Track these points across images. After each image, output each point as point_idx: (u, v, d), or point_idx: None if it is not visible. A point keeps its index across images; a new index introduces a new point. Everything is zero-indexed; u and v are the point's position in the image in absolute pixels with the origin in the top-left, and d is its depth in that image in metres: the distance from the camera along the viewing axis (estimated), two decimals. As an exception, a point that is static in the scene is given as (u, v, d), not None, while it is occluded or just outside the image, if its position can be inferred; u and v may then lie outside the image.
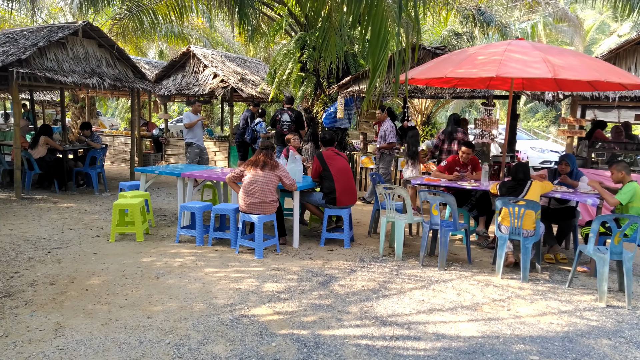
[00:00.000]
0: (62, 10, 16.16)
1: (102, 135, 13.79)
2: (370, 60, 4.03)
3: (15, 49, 8.41)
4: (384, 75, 4.13)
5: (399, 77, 4.12)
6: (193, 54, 12.58)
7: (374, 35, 3.90)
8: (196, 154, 9.35)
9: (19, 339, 3.38)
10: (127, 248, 5.74)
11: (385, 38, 3.86)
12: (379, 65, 3.95)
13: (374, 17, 3.80)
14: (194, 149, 9.32)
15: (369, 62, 4.11)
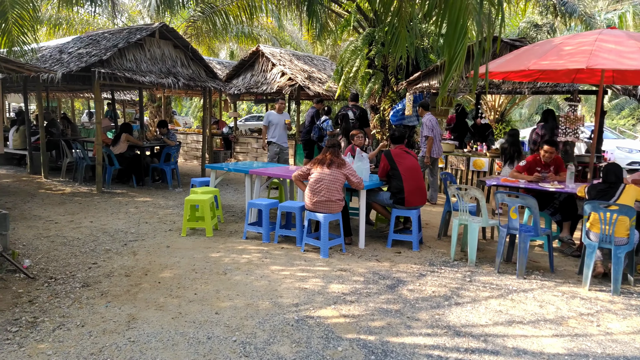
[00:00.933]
0: (140, 13, 17.06)
1: (177, 133, 14.38)
2: (447, 52, 3.78)
3: (97, 50, 8.92)
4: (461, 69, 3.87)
5: (477, 70, 3.84)
6: (262, 52, 12.77)
7: (450, 26, 3.65)
8: (275, 153, 9.36)
9: (94, 329, 3.51)
10: (197, 243, 5.87)
11: (464, 28, 3.60)
12: (455, 57, 3.70)
13: (451, 6, 3.55)
14: (274, 148, 9.32)
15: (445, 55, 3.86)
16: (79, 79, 9.22)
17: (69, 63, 8.69)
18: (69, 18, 14.58)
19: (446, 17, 3.70)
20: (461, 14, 3.55)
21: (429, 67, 9.33)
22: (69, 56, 9.07)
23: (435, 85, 9.18)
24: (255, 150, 13.29)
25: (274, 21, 18.37)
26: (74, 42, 10.14)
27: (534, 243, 6.18)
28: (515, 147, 7.44)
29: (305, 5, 8.67)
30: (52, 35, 15.30)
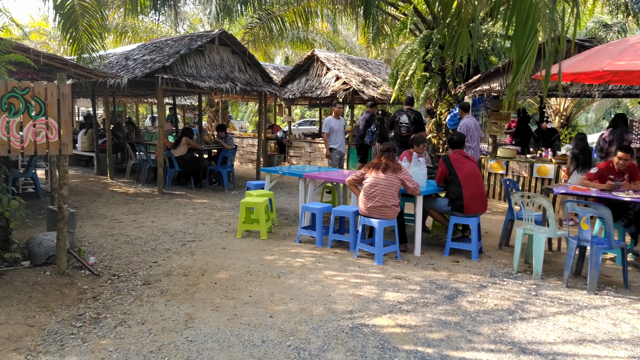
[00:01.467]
0: (201, 21, 17.64)
1: (233, 137, 14.72)
2: (515, 53, 3.57)
3: (161, 56, 9.28)
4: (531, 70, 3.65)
5: (549, 72, 3.60)
6: (317, 57, 12.82)
7: (519, 25, 3.44)
8: (337, 160, 9.24)
9: (154, 327, 3.59)
10: (252, 245, 5.92)
11: (534, 27, 3.38)
12: (524, 58, 3.48)
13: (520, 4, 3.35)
14: (335, 155, 9.21)
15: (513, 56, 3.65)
16: (143, 85, 9.63)
17: (134, 69, 9.09)
18: (134, 26, 15.32)
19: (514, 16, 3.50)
20: (531, 12, 3.35)
21: (490, 70, 8.99)
22: (134, 62, 9.49)
23: (497, 88, 8.83)
24: (309, 154, 13.35)
25: (329, 26, 18.44)
26: (139, 49, 10.61)
27: (606, 256, 5.76)
28: (586, 152, 7.00)
29: (361, 9, 8.60)
30: (119, 42, 16.12)
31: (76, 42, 8.60)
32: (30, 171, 8.13)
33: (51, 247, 4.75)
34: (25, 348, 3.22)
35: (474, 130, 7.91)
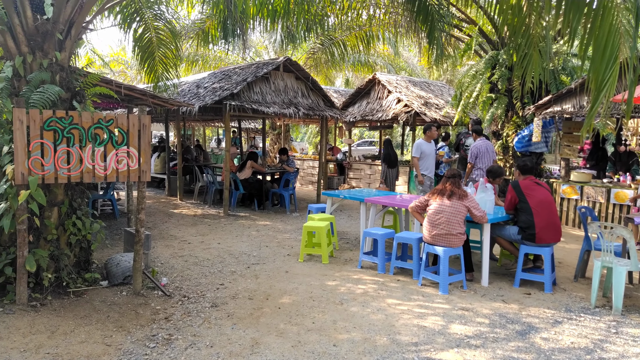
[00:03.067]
0: (266, 48, 18.34)
1: (294, 160, 15.02)
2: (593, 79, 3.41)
3: (229, 84, 9.71)
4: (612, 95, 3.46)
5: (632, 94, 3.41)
6: (378, 80, 12.88)
7: (598, 50, 3.29)
8: (427, 187, 8.68)
9: (221, 350, 3.69)
10: (314, 269, 5.96)
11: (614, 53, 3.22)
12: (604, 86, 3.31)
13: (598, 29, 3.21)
14: (426, 181, 8.69)
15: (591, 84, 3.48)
16: (211, 110, 10.10)
17: (205, 97, 9.58)
18: (204, 55, 16.19)
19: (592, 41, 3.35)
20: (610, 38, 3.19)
21: (562, 90, 8.61)
22: (205, 90, 10.00)
23: (569, 110, 8.43)
24: (369, 176, 13.32)
25: (390, 48, 18.51)
26: (209, 77, 11.18)
27: (698, 293, 5.26)
28: None
29: (425, 32, 8.58)
30: (189, 70, 17.07)
31: (152, 72, 9.21)
32: (109, 193, 8.71)
33: (128, 268, 5.04)
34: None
35: (484, 153, 8.06)
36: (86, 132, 4.34)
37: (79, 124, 4.29)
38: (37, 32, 4.50)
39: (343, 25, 11.17)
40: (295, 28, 8.91)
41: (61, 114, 4.23)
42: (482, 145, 8.11)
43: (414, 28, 9.43)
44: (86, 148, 4.36)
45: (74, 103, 4.68)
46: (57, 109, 4.43)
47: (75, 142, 4.30)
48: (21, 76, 4.51)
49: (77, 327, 3.98)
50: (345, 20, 11.01)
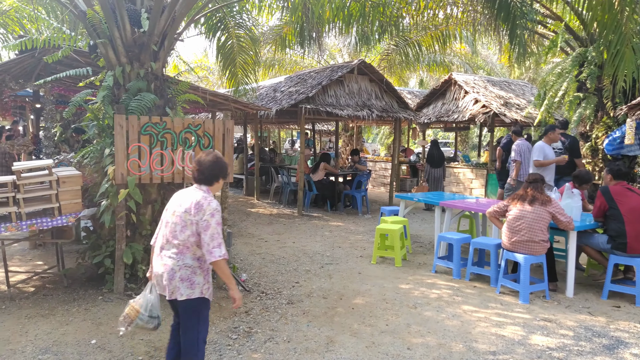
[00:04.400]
0: (340, 51, 18.52)
1: (366, 161, 15.04)
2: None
3: (305, 88, 9.96)
4: None
5: None
6: (454, 81, 12.57)
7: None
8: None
9: (298, 346, 3.83)
10: (387, 272, 5.97)
11: None
12: None
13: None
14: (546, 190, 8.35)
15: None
16: (287, 113, 10.39)
17: (281, 100, 9.90)
18: (281, 59, 16.67)
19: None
20: None
21: (659, 89, 7.92)
22: (282, 94, 10.33)
23: (668, 110, 7.72)
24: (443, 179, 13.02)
25: (467, 47, 17.95)
26: (285, 81, 11.53)
27: None
28: None
29: (506, 30, 8.27)
30: (266, 75, 17.65)
31: (233, 77, 9.69)
32: (193, 192, 9.26)
33: (211, 262, 5.36)
34: (191, 353, 3.67)
35: (525, 153, 8.02)
36: (177, 136, 4.69)
37: (171, 129, 4.65)
38: (134, 44, 4.93)
39: (418, 25, 11.03)
40: (370, 30, 8.95)
41: (156, 119, 4.60)
42: (523, 145, 8.14)
43: (494, 26, 9.11)
44: (177, 151, 4.71)
45: (167, 109, 5.07)
46: (152, 115, 4.82)
47: (168, 146, 4.66)
48: (121, 85, 4.96)
49: (168, 316, 4.30)
50: (421, 20, 10.86)
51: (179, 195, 2.99)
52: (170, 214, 2.94)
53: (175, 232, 2.86)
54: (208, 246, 2.79)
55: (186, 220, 2.84)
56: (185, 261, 2.85)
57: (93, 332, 3.94)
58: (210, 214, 2.81)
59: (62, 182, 4.61)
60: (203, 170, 2.94)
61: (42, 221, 4.52)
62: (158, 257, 2.95)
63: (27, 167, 4.69)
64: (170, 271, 2.85)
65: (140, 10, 4.89)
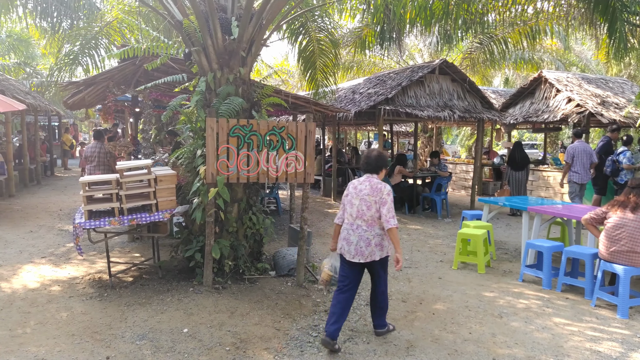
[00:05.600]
0: (420, 51, 18.18)
1: (445, 163, 14.61)
2: None
3: (383, 89, 9.90)
4: None
5: None
6: (545, 79, 11.85)
7: None
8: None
9: (378, 348, 3.82)
10: (469, 278, 5.78)
11: None
12: None
13: None
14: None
15: None
16: (365, 115, 10.39)
17: (360, 102, 9.92)
18: (359, 61, 16.69)
19: None
20: None
21: None
22: (360, 96, 10.35)
23: None
24: (530, 182, 12.33)
25: (559, 42, 16.84)
26: (364, 82, 11.54)
27: None
28: None
29: (604, 24, 7.66)
30: (345, 77, 17.76)
31: (313, 80, 9.86)
32: (274, 192, 9.56)
33: (292, 261, 5.51)
34: (273, 349, 3.80)
35: (580, 153, 8.48)
36: (262, 138, 4.87)
37: (257, 131, 4.84)
38: (225, 51, 5.20)
39: (505, 21, 10.51)
40: (452, 29, 8.69)
41: (243, 122, 4.82)
42: (579, 147, 8.53)
43: (590, 20, 8.48)
44: (262, 152, 4.90)
45: (253, 112, 5.29)
46: (240, 118, 5.05)
47: (254, 147, 4.86)
48: (212, 89, 5.25)
49: (251, 310, 4.49)
50: (508, 16, 10.35)
51: (356, 184, 3.92)
52: (353, 198, 3.85)
53: (363, 211, 3.78)
54: (386, 217, 3.71)
55: (370, 202, 3.76)
56: (375, 231, 3.78)
57: (185, 321, 4.21)
58: (386, 193, 3.77)
59: (159, 181, 4.97)
60: (371, 162, 3.92)
61: (141, 216, 4.90)
62: (351, 231, 3.83)
63: (128, 166, 5.11)
64: (366, 240, 3.77)
65: (230, 18, 5.14)
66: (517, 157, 10.18)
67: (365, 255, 3.77)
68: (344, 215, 3.95)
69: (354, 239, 3.80)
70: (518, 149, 10.28)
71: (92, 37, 8.12)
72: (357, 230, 3.80)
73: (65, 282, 5.23)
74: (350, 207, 3.87)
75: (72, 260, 6.12)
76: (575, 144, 8.69)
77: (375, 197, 3.76)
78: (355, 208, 3.82)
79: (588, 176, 8.65)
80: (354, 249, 3.79)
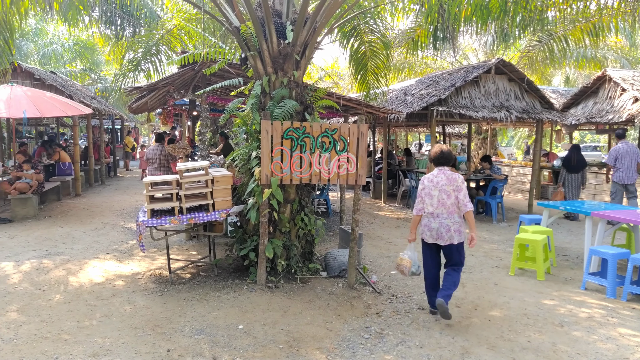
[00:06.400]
0: (474, 50, 17.70)
1: (501, 165, 14.14)
2: None
3: (436, 90, 9.73)
4: None
5: None
6: (609, 77, 11.22)
7: None
8: None
9: (431, 353, 3.77)
10: (527, 285, 5.57)
11: None
12: None
13: None
14: None
15: None
16: (417, 116, 10.26)
17: (412, 103, 9.80)
18: (411, 62, 16.49)
19: None
20: None
21: None
22: (412, 97, 10.23)
23: None
24: (594, 186, 11.71)
25: (624, 39, 15.91)
26: (416, 83, 11.40)
27: None
28: None
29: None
30: (395, 78, 17.59)
31: (364, 82, 9.86)
32: (324, 194, 9.63)
33: (343, 262, 5.53)
34: (325, 349, 3.83)
35: (623, 155, 8.56)
36: (315, 140, 4.93)
37: (310, 133, 4.91)
38: (279, 55, 5.30)
39: (566, 18, 10.06)
40: (509, 27, 8.42)
41: (297, 124, 4.90)
42: (622, 148, 8.61)
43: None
44: (314, 154, 4.96)
45: (306, 115, 5.36)
46: (293, 120, 5.14)
47: (307, 149, 4.93)
48: (266, 93, 5.37)
49: (303, 310, 4.55)
50: (569, 13, 9.90)
51: (431, 178, 4.44)
52: (431, 190, 4.37)
53: (443, 200, 4.32)
54: (462, 201, 4.28)
55: (448, 190, 4.31)
56: (454, 219, 4.32)
57: (240, 318, 4.33)
58: (461, 181, 4.33)
59: (215, 182, 5.14)
60: (445, 156, 4.48)
61: (199, 216, 5.09)
62: (432, 219, 4.38)
63: (187, 167, 5.32)
64: (446, 227, 4.32)
65: (285, 22, 5.25)
66: (573, 159, 9.81)
67: (445, 239, 4.34)
68: (423, 206, 4.42)
69: (435, 225, 4.36)
70: (575, 152, 9.90)
71: (154, 44, 8.51)
72: (437, 218, 4.35)
73: (128, 277, 5.51)
74: (429, 198, 4.38)
75: (135, 256, 6.44)
76: (619, 146, 8.69)
77: (452, 185, 4.31)
78: (435, 199, 4.34)
79: (634, 177, 8.59)
80: (435, 234, 4.37)
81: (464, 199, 4.27)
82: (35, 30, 22.51)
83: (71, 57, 22.55)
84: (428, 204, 4.39)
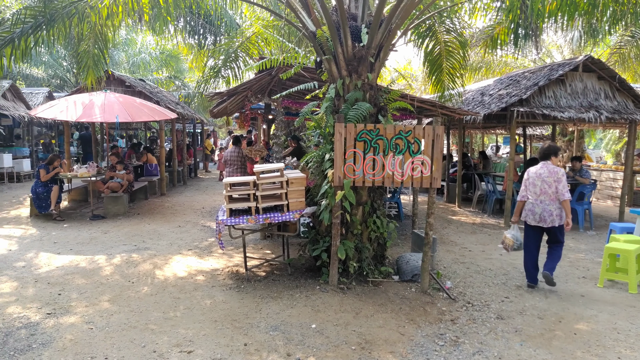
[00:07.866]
0: (559, 47, 16.68)
1: (589, 170, 13.19)
2: None
3: (517, 89, 9.28)
4: None
5: None
6: None
7: None
8: None
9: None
10: (618, 298, 5.17)
11: None
12: None
13: None
14: None
15: None
16: (494, 117, 9.85)
17: (490, 104, 9.43)
18: (488, 61, 15.86)
19: None
20: None
21: None
22: (490, 98, 9.85)
23: None
24: (698, 194, 10.58)
25: None
26: (494, 83, 10.95)
27: None
28: None
29: None
30: (472, 78, 16.99)
31: (439, 83, 9.62)
32: (396, 197, 9.52)
33: (416, 267, 5.45)
34: (398, 353, 3.80)
35: None
36: (389, 142, 4.91)
37: (383, 135, 4.89)
38: (354, 58, 5.34)
39: (666, 9, 9.21)
40: (599, 21, 7.85)
41: (370, 127, 4.90)
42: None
43: None
44: (388, 156, 4.93)
45: (379, 117, 5.35)
46: (367, 122, 5.15)
47: (380, 151, 4.92)
48: (340, 96, 5.43)
49: (375, 313, 4.54)
50: (670, 3, 9.04)
51: (535, 170, 5.32)
52: (535, 180, 5.27)
53: (545, 189, 5.19)
54: (561, 191, 5.12)
55: (549, 181, 5.17)
56: (556, 205, 5.17)
57: (312, 317, 4.40)
58: (562, 173, 5.15)
59: (290, 183, 5.27)
60: (547, 152, 5.33)
61: (274, 216, 5.25)
62: (535, 205, 5.25)
63: (264, 169, 5.51)
64: (548, 212, 5.18)
65: (360, 25, 5.28)
66: None
67: (548, 222, 5.18)
68: (527, 194, 5.33)
69: (538, 210, 5.23)
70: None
71: (233, 51, 8.89)
72: (540, 205, 5.22)
73: (208, 273, 5.80)
74: (533, 187, 5.29)
75: (214, 253, 6.76)
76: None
77: (553, 177, 5.16)
78: (539, 188, 5.23)
79: None
80: (539, 217, 5.22)
81: (562, 189, 5.08)
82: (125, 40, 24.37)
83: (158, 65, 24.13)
84: (532, 192, 5.28)
